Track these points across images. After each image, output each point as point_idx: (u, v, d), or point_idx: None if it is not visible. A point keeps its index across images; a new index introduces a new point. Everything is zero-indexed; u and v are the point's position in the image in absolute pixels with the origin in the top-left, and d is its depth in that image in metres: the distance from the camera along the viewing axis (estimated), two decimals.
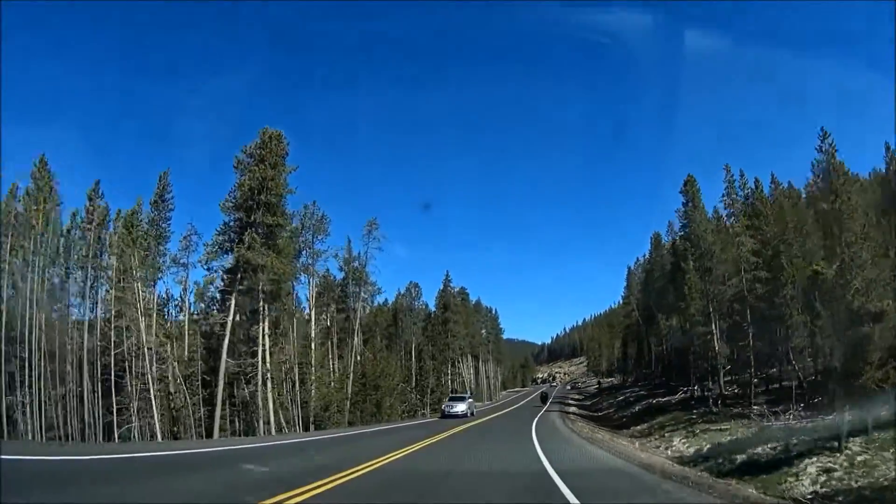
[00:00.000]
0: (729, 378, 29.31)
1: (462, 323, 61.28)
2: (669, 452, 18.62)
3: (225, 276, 28.81)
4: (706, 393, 28.03)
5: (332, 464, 8.85)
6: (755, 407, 22.48)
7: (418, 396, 52.29)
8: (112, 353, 24.95)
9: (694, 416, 22.23)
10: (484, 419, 28.30)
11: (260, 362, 27.74)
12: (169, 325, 35.04)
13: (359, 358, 41.82)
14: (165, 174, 34.27)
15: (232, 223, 28.24)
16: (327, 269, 47.19)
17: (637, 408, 31.63)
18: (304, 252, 37.41)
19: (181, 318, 35.67)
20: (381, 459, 9.41)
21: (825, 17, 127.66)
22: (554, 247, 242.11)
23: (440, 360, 56.32)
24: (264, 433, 29.43)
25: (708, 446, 18.25)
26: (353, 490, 6.45)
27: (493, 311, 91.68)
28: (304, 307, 45.71)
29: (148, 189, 35.72)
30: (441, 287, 59.06)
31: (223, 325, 27.45)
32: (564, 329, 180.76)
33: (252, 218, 27.48)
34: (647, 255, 49.72)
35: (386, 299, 65.07)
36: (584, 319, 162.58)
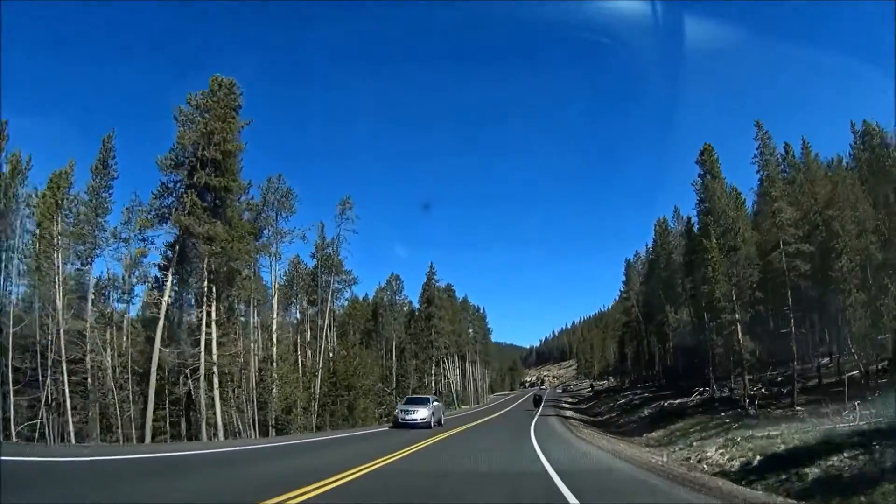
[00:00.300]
0: (751, 376, 25.67)
1: (447, 319, 57.06)
2: (705, 466, 14.73)
3: (167, 250, 24.42)
4: (730, 393, 24.31)
5: None
6: (798, 407, 18.74)
7: (398, 399, 47.87)
8: (10, 333, 20.32)
9: (726, 421, 18.39)
10: (464, 427, 23.11)
11: (203, 354, 23.36)
12: (109, 310, 30.50)
13: (331, 354, 37.41)
14: (109, 137, 29.43)
15: (171, 184, 23.86)
16: (297, 256, 42.94)
17: (646, 412, 27.75)
18: (266, 231, 33.01)
19: (120, 304, 31.11)
20: None
21: (826, 14, 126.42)
22: (545, 248, 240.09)
23: (423, 359, 52.05)
24: (210, 438, 25.16)
25: (758, 457, 14.34)
26: None
27: (481, 310, 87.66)
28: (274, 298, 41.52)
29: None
30: (425, 280, 54.79)
31: (158, 307, 23.02)
32: (553, 332, 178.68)
33: (195, 178, 23.14)
34: (649, 246, 46.13)
35: (366, 294, 60.93)
36: (574, 322, 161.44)
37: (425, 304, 53.80)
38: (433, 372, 54.83)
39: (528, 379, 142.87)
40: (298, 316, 41.20)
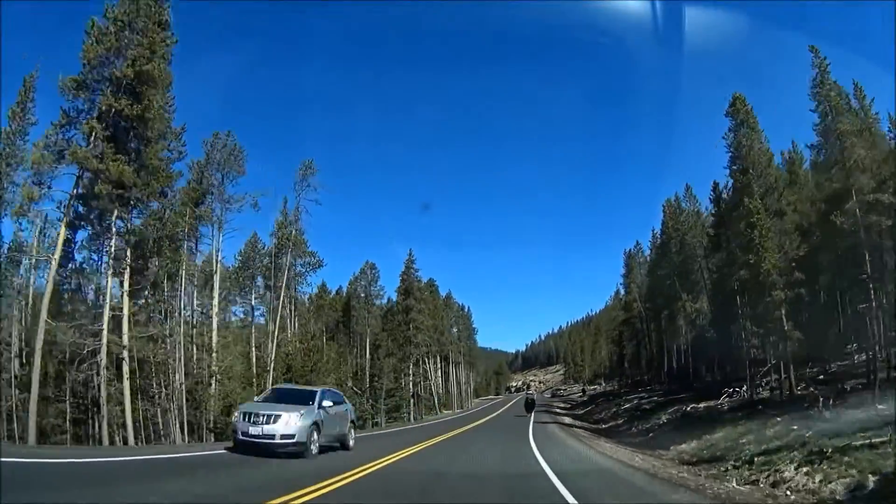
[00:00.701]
0: (783, 374, 21.77)
1: (428, 313, 52.32)
2: (790, 493, 10.42)
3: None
4: (773, 393, 20.19)
5: None
6: (881, 406, 14.56)
7: (371, 401, 43.07)
8: None
9: (793, 427, 14.14)
10: (426, 445, 15.49)
11: (105, 332, 18.38)
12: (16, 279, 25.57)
13: (290, 349, 32.39)
14: (31, 77, 24.29)
15: (74, 112, 18.97)
16: (255, 234, 38.01)
17: (663, 418, 23.41)
18: (211, 196, 28.07)
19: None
20: None
21: (825, 13, 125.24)
22: (533, 251, 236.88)
23: (400, 357, 47.19)
24: (120, 442, 20.36)
25: (872, 477, 9.98)
26: None
27: (466, 309, 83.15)
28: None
29: None
30: (403, 269, 49.94)
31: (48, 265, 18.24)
32: (540, 336, 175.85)
33: (102, 106, 18.31)
34: (656, 231, 41.66)
35: (340, 286, 56.11)
36: (562, 326, 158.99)
37: (403, 296, 48.99)
38: (411, 372, 50.00)
39: (514, 384, 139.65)
40: (254, 302, 36.19)
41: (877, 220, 15.84)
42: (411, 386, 49.88)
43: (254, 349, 32.65)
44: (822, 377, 22.54)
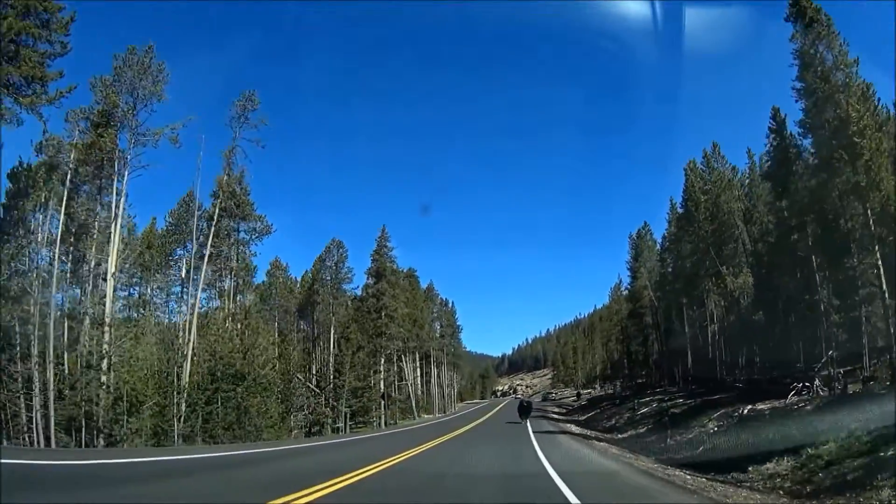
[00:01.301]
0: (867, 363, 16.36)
1: (405, 301, 46.33)
2: None
3: None
4: (867, 385, 14.80)
5: None
6: None
7: (332, 403, 36.98)
8: None
9: None
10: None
11: None
12: None
13: (223, 327, 26.19)
14: None
15: None
16: (190, 193, 31.81)
17: (710, 426, 17.36)
18: (120, 125, 21.94)
19: None
20: None
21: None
22: (521, 252, 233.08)
23: (369, 351, 41.12)
24: None
25: None
26: None
27: (450, 304, 77.26)
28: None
29: None
30: (374, 248, 43.85)
31: None
32: (526, 340, 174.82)
33: None
34: (676, 202, 35.66)
35: (305, 271, 50.02)
36: (549, 330, 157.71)
37: (374, 279, 42.93)
38: (382, 369, 43.92)
39: (500, 388, 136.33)
40: (184, 275, 30.03)
41: None
42: (382, 385, 43.81)
43: (182, 332, 26.53)
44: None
